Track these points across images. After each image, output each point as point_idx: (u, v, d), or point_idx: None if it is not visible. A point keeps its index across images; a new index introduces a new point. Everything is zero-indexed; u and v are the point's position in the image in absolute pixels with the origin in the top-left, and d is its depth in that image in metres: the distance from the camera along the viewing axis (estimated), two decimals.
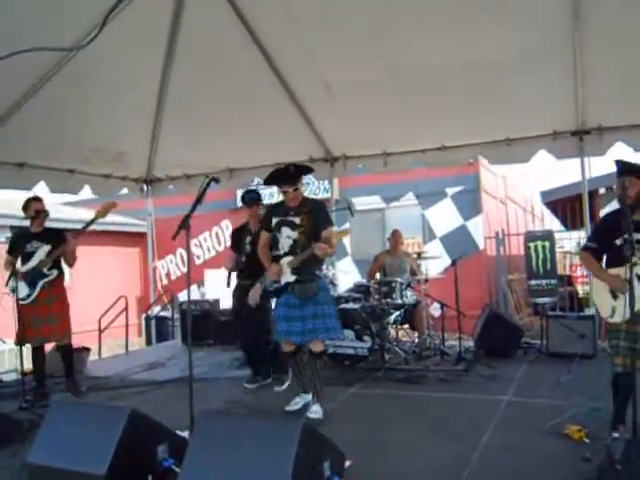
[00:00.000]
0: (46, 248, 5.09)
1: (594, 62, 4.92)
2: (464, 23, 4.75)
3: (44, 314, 5.11)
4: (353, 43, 5.09)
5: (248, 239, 5.40)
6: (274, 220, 4.43)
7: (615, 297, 3.46)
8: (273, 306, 4.83)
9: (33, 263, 5.09)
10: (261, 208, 5.44)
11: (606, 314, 3.51)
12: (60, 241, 5.09)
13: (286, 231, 4.34)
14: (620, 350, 3.41)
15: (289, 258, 4.32)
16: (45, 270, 5.09)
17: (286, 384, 5.20)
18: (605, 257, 3.64)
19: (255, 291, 4.89)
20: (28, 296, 5.06)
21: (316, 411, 4.24)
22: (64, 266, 5.35)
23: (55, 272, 5.14)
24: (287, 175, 4.31)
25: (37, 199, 5.24)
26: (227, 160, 7.48)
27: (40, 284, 5.08)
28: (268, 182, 4.55)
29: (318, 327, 4.25)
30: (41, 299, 5.10)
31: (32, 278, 5.07)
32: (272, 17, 4.93)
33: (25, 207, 5.17)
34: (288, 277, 4.33)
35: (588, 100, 5.48)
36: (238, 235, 5.60)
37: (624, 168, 3.53)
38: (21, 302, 4.97)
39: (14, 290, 4.94)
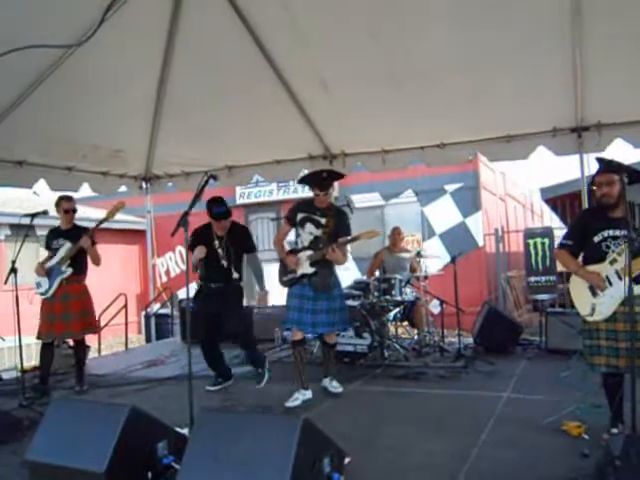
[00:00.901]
0: (68, 245, 5.27)
1: (593, 58, 4.90)
2: (466, 20, 4.72)
3: (59, 312, 5.24)
4: (353, 41, 5.06)
5: (216, 243, 5.09)
6: (300, 215, 4.71)
7: (594, 294, 3.41)
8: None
9: (55, 260, 5.30)
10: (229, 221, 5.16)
11: (585, 312, 3.44)
12: (78, 238, 5.23)
13: (310, 227, 4.65)
14: (602, 350, 3.38)
15: (309, 252, 4.60)
16: (63, 267, 5.25)
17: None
18: (582, 255, 3.60)
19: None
20: (47, 291, 5.28)
21: (337, 386, 4.85)
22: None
23: (69, 270, 5.26)
24: (320, 180, 4.64)
25: (66, 198, 5.50)
26: (226, 157, 7.46)
27: (57, 280, 5.26)
28: (302, 182, 5.01)
29: (334, 321, 4.66)
30: (58, 296, 5.26)
31: (52, 274, 5.28)
32: (271, 15, 4.91)
33: (56, 205, 5.45)
34: (306, 269, 4.59)
35: (587, 96, 5.46)
36: (204, 237, 5.13)
37: (607, 166, 3.48)
38: (42, 296, 5.31)
39: (38, 285, 5.30)
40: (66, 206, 5.39)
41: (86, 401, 4.42)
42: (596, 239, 3.44)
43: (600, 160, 3.57)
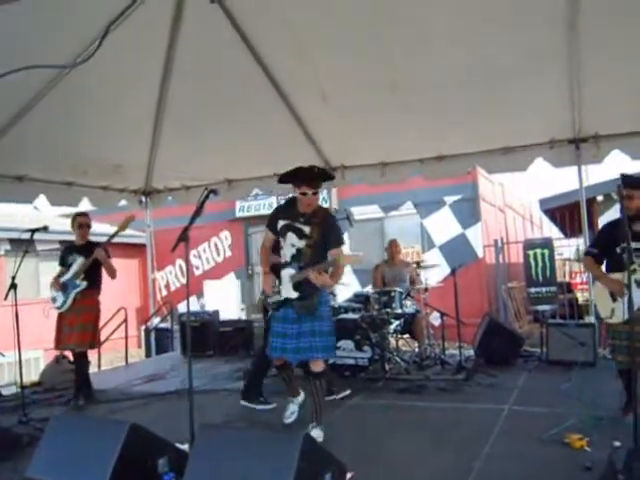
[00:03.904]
0: (81, 260, 5.36)
1: (591, 70, 4.95)
2: (464, 34, 4.78)
3: (73, 323, 5.33)
4: (352, 54, 5.11)
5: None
6: (280, 223, 4.03)
7: (614, 300, 3.84)
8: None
9: (70, 274, 5.38)
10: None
11: (605, 315, 3.91)
12: (91, 253, 5.32)
13: (291, 238, 3.97)
14: (622, 349, 3.78)
15: (292, 271, 3.95)
16: (77, 281, 5.33)
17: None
18: (605, 262, 4.02)
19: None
20: (62, 305, 5.36)
21: (318, 435, 3.84)
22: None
23: (84, 283, 5.34)
24: (310, 175, 3.89)
25: (82, 214, 5.66)
26: (226, 171, 7.49)
27: (72, 294, 5.35)
28: (285, 179, 4.00)
29: (316, 345, 3.91)
30: (74, 308, 5.35)
31: (66, 288, 5.36)
32: (270, 29, 4.96)
33: (72, 221, 5.57)
34: (290, 292, 3.97)
35: (585, 108, 5.50)
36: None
37: (627, 181, 3.80)
38: (58, 310, 5.41)
39: (54, 300, 5.42)
40: (80, 221, 5.52)
41: (86, 417, 4.40)
42: (618, 250, 3.81)
43: (621, 175, 3.93)
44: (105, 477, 2.66)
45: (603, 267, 4.07)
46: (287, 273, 3.99)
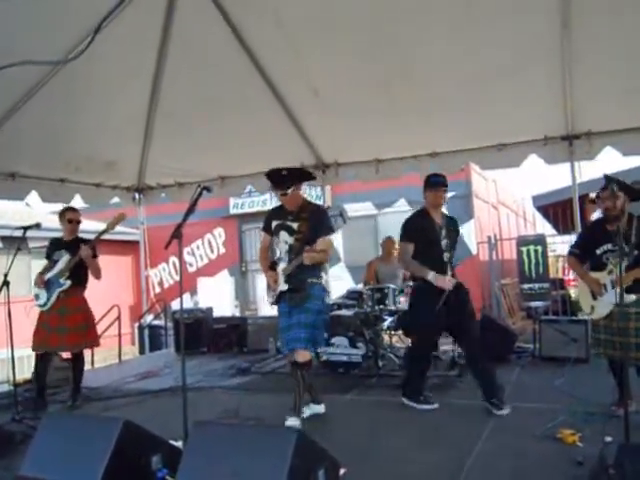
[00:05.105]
0: (66, 257, 5.19)
1: (583, 68, 4.97)
2: (459, 32, 4.78)
3: (54, 324, 5.17)
4: (346, 52, 5.11)
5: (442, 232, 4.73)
6: (274, 223, 4.33)
7: (594, 298, 4.10)
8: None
9: (54, 271, 5.22)
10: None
11: (587, 311, 4.21)
12: (78, 250, 5.14)
13: (283, 235, 4.25)
14: (601, 342, 4.07)
15: (284, 265, 4.23)
16: (61, 280, 5.17)
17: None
18: (588, 262, 4.25)
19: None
20: (45, 303, 5.21)
21: (293, 423, 3.96)
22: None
23: (68, 283, 5.17)
24: (277, 178, 4.18)
25: (71, 209, 5.47)
26: (219, 168, 7.48)
27: (55, 293, 5.18)
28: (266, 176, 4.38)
29: (301, 336, 4.05)
30: (55, 308, 5.19)
31: (50, 286, 5.20)
32: (263, 26, 4.95)
33: (60, 216, 5.38)
34: (282, 285, 4.23)
35: (578, 105, 5.53)
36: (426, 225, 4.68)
37: (610, 183, 3.95)
38: (40, 308, 5.24)
39: (36, 297, 5.25)
40: (70, 216, 5.33)
41: (79, 415, 4.40)
42: (598, 252, 4.09)
43: (605, 177, 4.10)
44: (98, 474, 2.65)
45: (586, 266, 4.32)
46: (281, 268, 4.27)
